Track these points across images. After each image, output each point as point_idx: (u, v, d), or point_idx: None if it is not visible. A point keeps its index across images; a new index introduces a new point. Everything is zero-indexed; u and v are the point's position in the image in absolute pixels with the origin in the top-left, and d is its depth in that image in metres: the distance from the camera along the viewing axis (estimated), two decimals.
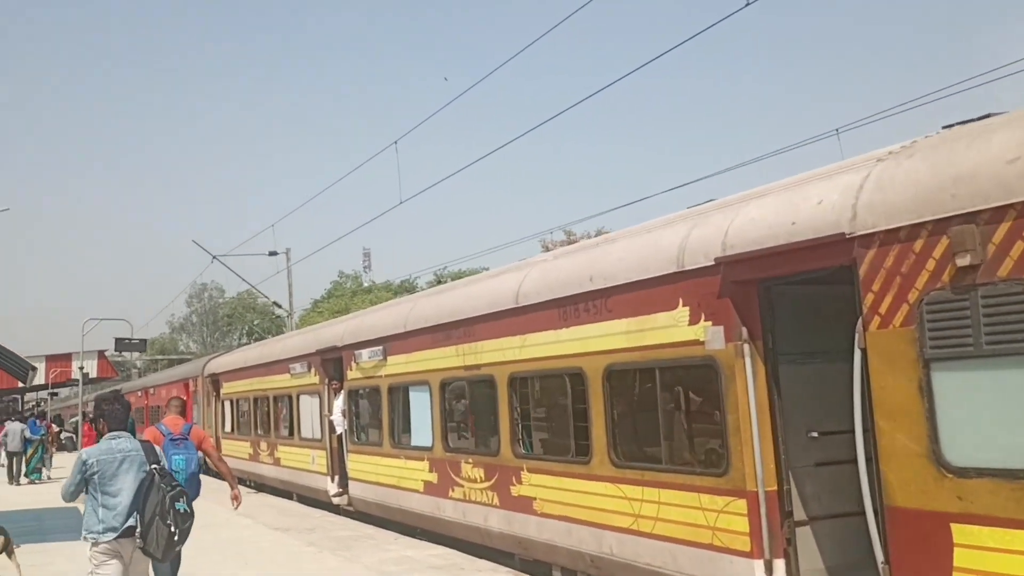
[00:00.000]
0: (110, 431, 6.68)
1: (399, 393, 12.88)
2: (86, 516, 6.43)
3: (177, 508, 6.37)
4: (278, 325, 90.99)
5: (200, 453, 8.77)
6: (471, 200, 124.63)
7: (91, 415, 9.80)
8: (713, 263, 6.91)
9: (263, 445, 20.00)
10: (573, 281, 8.77)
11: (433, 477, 11.73)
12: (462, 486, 10.98)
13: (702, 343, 7.04)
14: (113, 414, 6.76)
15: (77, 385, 57.46)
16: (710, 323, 6.97)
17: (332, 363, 15.73)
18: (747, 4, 10.02)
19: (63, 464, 26.72)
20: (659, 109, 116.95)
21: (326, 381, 15.93)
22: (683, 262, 7.28)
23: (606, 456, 8.21)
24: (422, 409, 12.05)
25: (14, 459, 26.13)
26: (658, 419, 7.64)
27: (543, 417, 9.61)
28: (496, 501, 10.18)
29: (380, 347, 13.31)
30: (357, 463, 14.41)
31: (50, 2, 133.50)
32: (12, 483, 25.39)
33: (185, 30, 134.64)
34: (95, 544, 6.29)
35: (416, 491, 12.18)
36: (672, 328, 7.38)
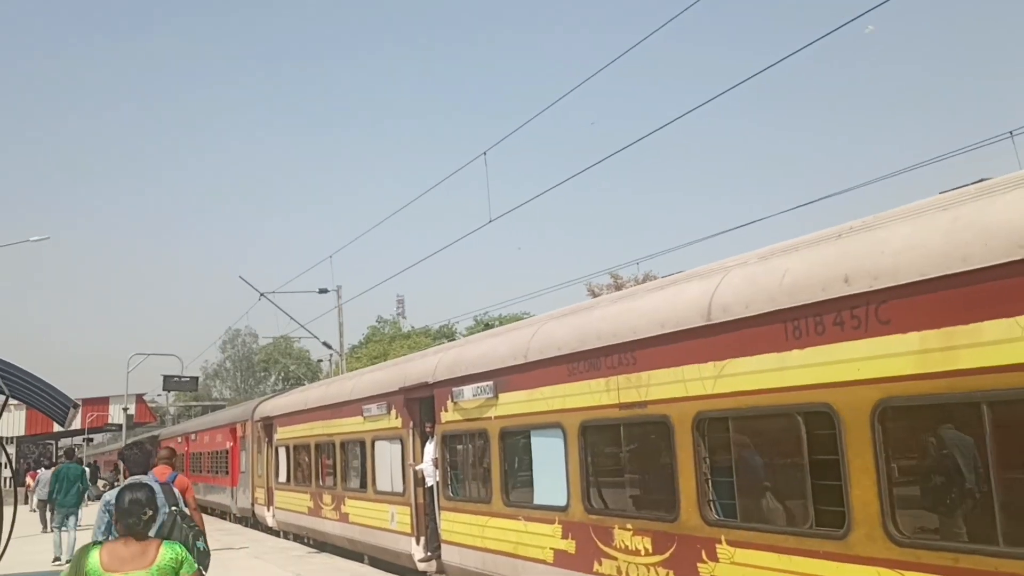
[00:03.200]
0: (131, 475, 7.20)
1: (516, 438, 10.51)
2: None
3: (199, 547, 6.77)
4: (314, 371, 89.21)
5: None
6: (503, 245, 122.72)
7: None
8: None
9: (327, 498, 17.62)
10: (812, 283, 6.42)
11: (569, 545, 9.29)
12: (614, 559, 8.53)
13: None
14: (133, 459, 7.40)
15: (113, 431, 55.57)
16: None
17: (419, 403, 13.41)
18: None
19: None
20: (705, 152, 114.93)
21: (411, 424, 13.60)
22: None
23: (878, 528, 5.77)
24: (551, 458, 9.66)
25: (45, 507, 25.16)
26: (988, 479, 5.19)
27: (753, 471, 7.17)
28: None
29: (489, 382, 10.98)
30: (453, 523, 11.99)
31: (95, 31, 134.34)
32: (44, 531, 24.33)
33: (237, 57, 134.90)
34: None
35: (542, 562, 9.73)
36: (1018, 342, 4.98)
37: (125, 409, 27.03)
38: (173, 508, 6.85)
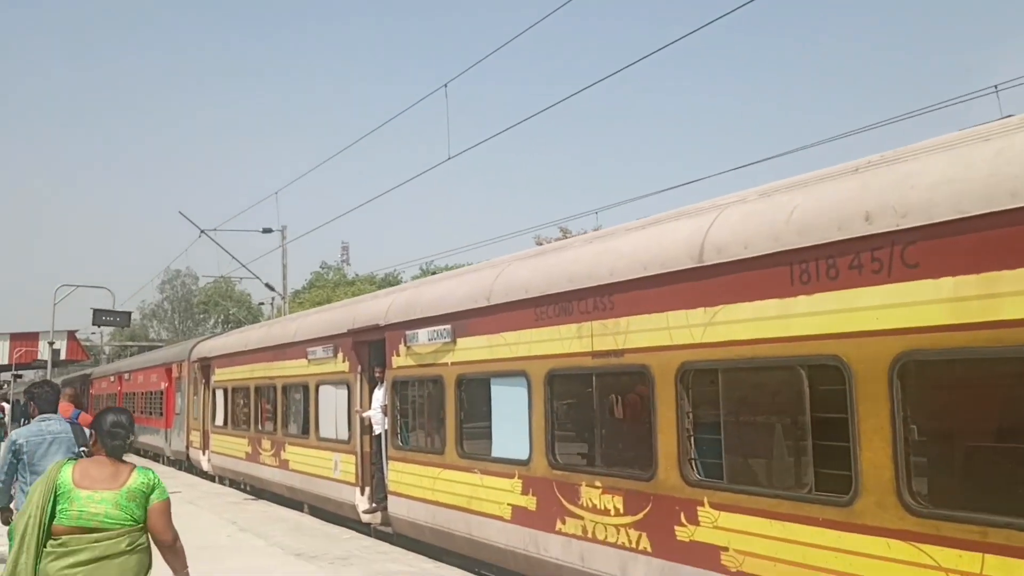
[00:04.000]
0: (40, 413, 7.20)
1: (475, 386, 9.76)
2: (16, 496, 6.80)
3: None
4: (256, 314, 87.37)
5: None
6: (454, 192, 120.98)
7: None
8: None
9: (266, 443, 16.75)
10: (825, 222, 5.71)
11: (529, 502, 8.63)
12: (580, 518, 7.89)
13: None
14: (43, 397, 7.29)
15: (41, 367, 53.56)
16: None
17: (368, 347, 12.58)
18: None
19: None
20: (651, 107, 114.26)
21: (359, 368, 12.78)
22: None
23: (891, 496, 5.16)
24: (513, 408, 8.95)
25: None
26: None
27: (743, 429, 6.52)
28: (646, 545, 7.10)
29: (446, 326, 10.19)
30: (402, 474, 11.26)
31: None
32: None
33: None
34: None
35: (499, 518, 9.07)
36: None
37: (51, 343, 25.49)
38: (82, 448, 6.64)
